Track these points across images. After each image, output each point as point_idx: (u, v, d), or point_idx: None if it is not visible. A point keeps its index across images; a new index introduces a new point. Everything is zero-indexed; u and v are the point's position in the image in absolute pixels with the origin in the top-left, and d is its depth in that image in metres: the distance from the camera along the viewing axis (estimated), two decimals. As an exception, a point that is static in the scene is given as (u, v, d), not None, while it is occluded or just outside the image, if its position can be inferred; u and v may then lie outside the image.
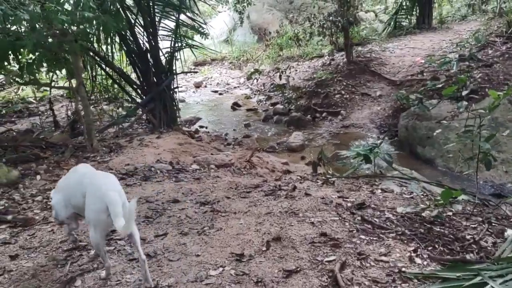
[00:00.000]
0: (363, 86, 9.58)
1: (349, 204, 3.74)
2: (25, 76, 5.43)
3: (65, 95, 9.69)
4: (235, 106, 10.48)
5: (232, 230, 3.21)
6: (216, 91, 12.28)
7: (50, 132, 6.50)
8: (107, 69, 7.38)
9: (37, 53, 5.07)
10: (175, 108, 7.81)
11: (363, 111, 8.87)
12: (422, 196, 4.02)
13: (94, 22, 5.05)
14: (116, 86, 7.65)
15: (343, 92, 9.43)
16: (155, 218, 3.49)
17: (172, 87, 7.67)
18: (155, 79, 7.38)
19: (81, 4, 4.40)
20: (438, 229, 3.18)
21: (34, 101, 9.79)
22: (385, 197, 4.04)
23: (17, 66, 5.25)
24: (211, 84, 13.19)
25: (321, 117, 9.13)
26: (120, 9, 6.64)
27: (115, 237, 3.12)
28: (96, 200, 2.38)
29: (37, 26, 4.13)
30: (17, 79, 5.34)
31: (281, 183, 4.58)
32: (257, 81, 11.25)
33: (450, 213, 3.41)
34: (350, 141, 7.87)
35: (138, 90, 7.58)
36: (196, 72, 12.31)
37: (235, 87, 12.60)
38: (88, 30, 5.01)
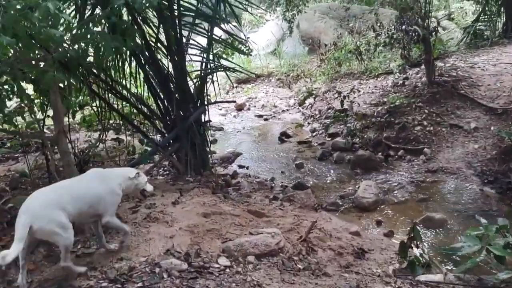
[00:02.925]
0: (452, 114, 7.58)
1: None
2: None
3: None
4: (284, 137, 8.78)
5: None
6: (260, 116, 10.63)
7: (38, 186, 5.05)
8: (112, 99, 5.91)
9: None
10: (207, 147, 6.22)
11: (455, 150, 6.89)
12: None
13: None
14: (125, 121, 6.10)
15: (425, 122, 7.49)
16: None
17: (203, 121, 6.12)
18: (180, 111, 5.84)
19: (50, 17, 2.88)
20: None
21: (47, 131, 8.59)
22: None
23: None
24: (255, 106, 11.57)
25: (397, 155, 7.23)
26: (133, 22, 5.19)
27: None
28: None
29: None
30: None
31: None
32: (311, 107, 9.52)
33: None
34: (442, 195, 5.95)
35: (159, 125, 6.07)
36: (234, 101, 10.70)
37: (283, 111, 10.89)
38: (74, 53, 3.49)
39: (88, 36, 3.82)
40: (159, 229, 3.76)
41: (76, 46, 3.92)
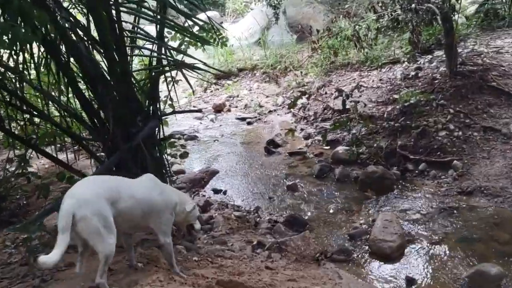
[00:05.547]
0: (484, 114, 6.07)
1: None
2: None
3: None
4: (272, 146, 7.19)
5: None
6: (243, 119, 9.00)
7: None
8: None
9: None
10: (166, 174, 4.62)
11: (494, 162, 5.38)
12: None
13: None
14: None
15: (451, 125, 5.95)
16: None
17: (158, 138, 4.52)
18: (124, 127, 4.22)
19: None
20: None
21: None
22: None
23: None
24: (236, 107, 9.93)
25: (417, 170, 5.71)
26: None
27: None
28: None
29: None
30: None
31: None
32: (305, 109, 7.95)
33: None
34: (488, 230, 4.42)
35: (91, 146, 4.46)
36: (200, 111, 8.96)
37: (270, 111, 9.28)
38: None
39: None
40: None
41: None
